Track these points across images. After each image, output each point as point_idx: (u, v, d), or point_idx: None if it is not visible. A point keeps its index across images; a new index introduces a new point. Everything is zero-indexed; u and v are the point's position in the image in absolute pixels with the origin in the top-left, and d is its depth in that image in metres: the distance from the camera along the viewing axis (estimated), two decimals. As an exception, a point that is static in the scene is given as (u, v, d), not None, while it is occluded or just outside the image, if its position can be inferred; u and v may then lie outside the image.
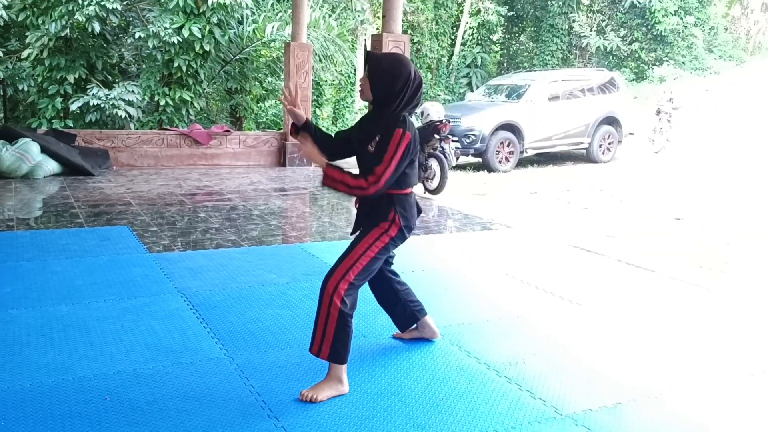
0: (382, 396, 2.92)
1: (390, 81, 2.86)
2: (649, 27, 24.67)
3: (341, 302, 2.84)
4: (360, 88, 2.98)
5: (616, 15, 25.71)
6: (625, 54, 25.13)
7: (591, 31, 25.23)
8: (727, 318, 4.20)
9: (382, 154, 2.81)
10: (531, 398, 2.95)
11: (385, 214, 2.95)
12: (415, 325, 3.52)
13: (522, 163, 13.85)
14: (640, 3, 24.37)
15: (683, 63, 24.49)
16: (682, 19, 24.52)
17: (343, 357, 2.90)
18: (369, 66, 2.92)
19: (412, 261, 5.28)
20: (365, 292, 4.18)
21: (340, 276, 2.87)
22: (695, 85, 22.32)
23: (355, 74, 20.58)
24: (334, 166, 2.90)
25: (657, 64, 24.63)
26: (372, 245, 2.93)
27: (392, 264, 3.42)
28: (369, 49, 7.71)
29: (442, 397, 2.93)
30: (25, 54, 12.55)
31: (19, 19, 12.58)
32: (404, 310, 3.42)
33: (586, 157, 14.69)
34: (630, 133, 15.55)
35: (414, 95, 2.91)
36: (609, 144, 14.74)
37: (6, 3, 12.81)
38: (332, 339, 2.86)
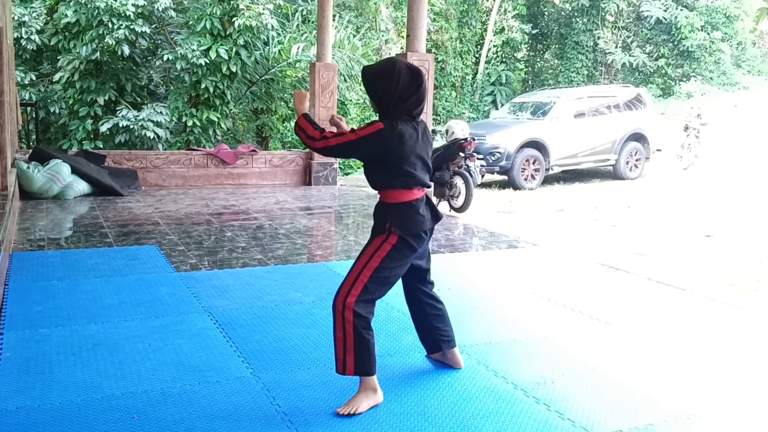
0: (409, 416, 2.89)
1: (377, 86, 2.88)
2: (676, 43, 24.51)
3: (353, 315, 2.84)
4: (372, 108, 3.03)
5: (642, 31, 25.59)
6: (652, 70, 24.97)
7: (616, 47, 25.13)
8: (761, 338, 4.11)
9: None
10: (560, 419, 2.91)
11: (381, 225, 2.96)
12: (441, 351, 3.45)
13: (548, 180, 13.77)
14: (665, 19, 24.24)
15: (711, 78, 24.26)
16: (708, 34, 24.33)
17: (369, 368, 2.91)
18: (363, 82, 2.97)
19: (438, 279, 5.23)
20: (390, 310, 4.16)
21: (347, 291, 2.87)
22: (724, 101, 22.09)
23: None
24: (308, 116, 3.00)
25: (684, 80, 24.43)
26: (374, 255, 2.91)
27: (429, 282, 3.36)
28: None
29: (469, 417, 2.89)
30: (56, 77, 12.85)
31: (51, 43, 12.90)
32: (428, 334, 3.39)
33: (613, 174, 14.57)
34: (658, 150, 15.40)
35: (405, 98, 2.86)
36: (636, 161, 14.62)
37: (39, 28, 13.14)
38: (354, 353, 2.87)
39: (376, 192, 3.05)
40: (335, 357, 2.92)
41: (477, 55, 25.39)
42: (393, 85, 2.85)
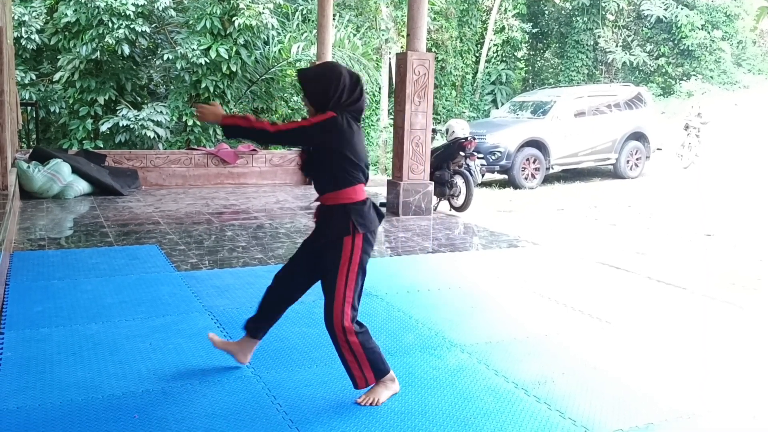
0: (410, 415, 2.90)
1: (320, 86, 2.88)
2: (676, 42, 24.50)
3: (355, 335, 2.88)
4: (307, 110, 2.98)
5: (642, 30, 25.58)
6: (652, 69, 24.96)
7: (617, 46, 25.12)
8: (762, 337, 4.11)
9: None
10: (561, 418, 2.91)
11: (344, 227, 2.91)
12: (243, 336, 3.31)
13: (548, 179, 13.77)
14: (666, 18, 24.24)
15: (711, 77, 24.24)
16: (709, 33, 24.33)
17: (385, 367, 3.00)
18: (300, 83, 2.95)
19: (438, 279, 5.26)
20: (390, 309, 4.17)
21: (340, 316, 2.87)
22: (724, 100, 22.08)
23: (380, 92, 20.71)
24: (234, 115, 2.93)
25: (684, 78, 24.42)
26: (349, 268, 2.90)
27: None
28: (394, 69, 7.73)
29: (470, 417, 2.89)
30: (56, 77, 12.83)
31: (51, 42, 12.89)
32: (270, 321, 3.27)
33: (614, 173, 14.57)
34: (658, 149, 15.40)
35: (350, 95, 2.89)
36: (637, 160, 14.61)
37: (39, 27, 13.14)
38: (369, 364, 2.93)
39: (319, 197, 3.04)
40: (351, 375, 2.96)
41: (477, 54, 25.39)
42: (337, 88, 2.87)
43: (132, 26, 12.19)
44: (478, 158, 9.21)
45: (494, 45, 25.57)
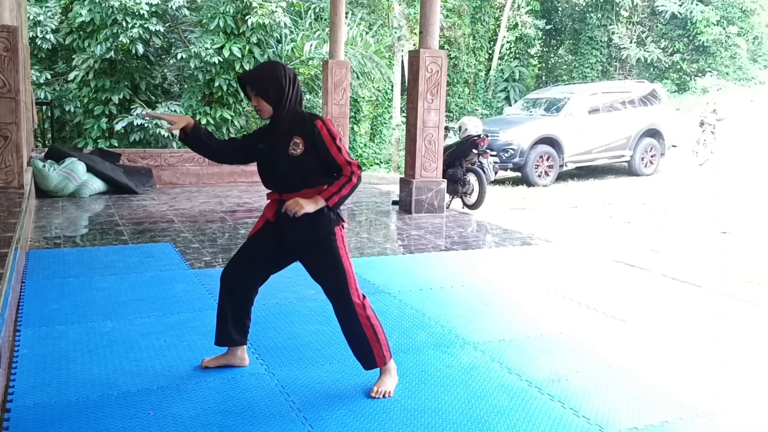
0: (423, 412, 2.89)
1: (275, 80, 2.89)
2: (691, 38, 24.30)
3: (370, 307, 3.01)
4: (258, 110, 2.94)
5: (657, 26, 25.40)
6: (666, 65, 24.78)
7: (631, 42, 24.96)
8: (778, 334, 4.08)
9: (325, 146, 2.86)
10: (575, 416, 2.89)
11: (334, 220, 2.99)
12: (227, 350, 3.36)
13: (562, 176, 13.71)
14: (680, 14, 24.05)
15: (726, 73, 24.04)
16: (724, 29, 24.11)
17: (390, 347, 3.08)
18: (249, 84, 2.91)
19: (451, 276, 5.25)
20: (403, 307, 4.17)
21: (354, 292, 2.99)
22: (739, 96, 21.87)
23: (392, 90, 20.70)
24: (327, 192, 2.87)
25: (699, 75, 24.23)
26: (346, 253, 3.03)
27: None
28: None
29: (483, 415, 2.89)
30: (71, 76, 12.94)
31: (66, 42, 13.00)
32: (244, 323, 3.29)
33: (628, 171, 14.49)
34: (673, 146, 15.31)
35: (297, 86, 2.95)
36: (651, 157, 14.52)
37: (54, 27, 13.24)
38: (385, 339, 3.03)
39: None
40: (370, 355, 3.00)
41: (490, 52, 25.31)
42: (289, 81, 2.90)
43: (146, 25, 12.27)
44: (491, 156, 9.19)
45: (507, 42, 25.47)
